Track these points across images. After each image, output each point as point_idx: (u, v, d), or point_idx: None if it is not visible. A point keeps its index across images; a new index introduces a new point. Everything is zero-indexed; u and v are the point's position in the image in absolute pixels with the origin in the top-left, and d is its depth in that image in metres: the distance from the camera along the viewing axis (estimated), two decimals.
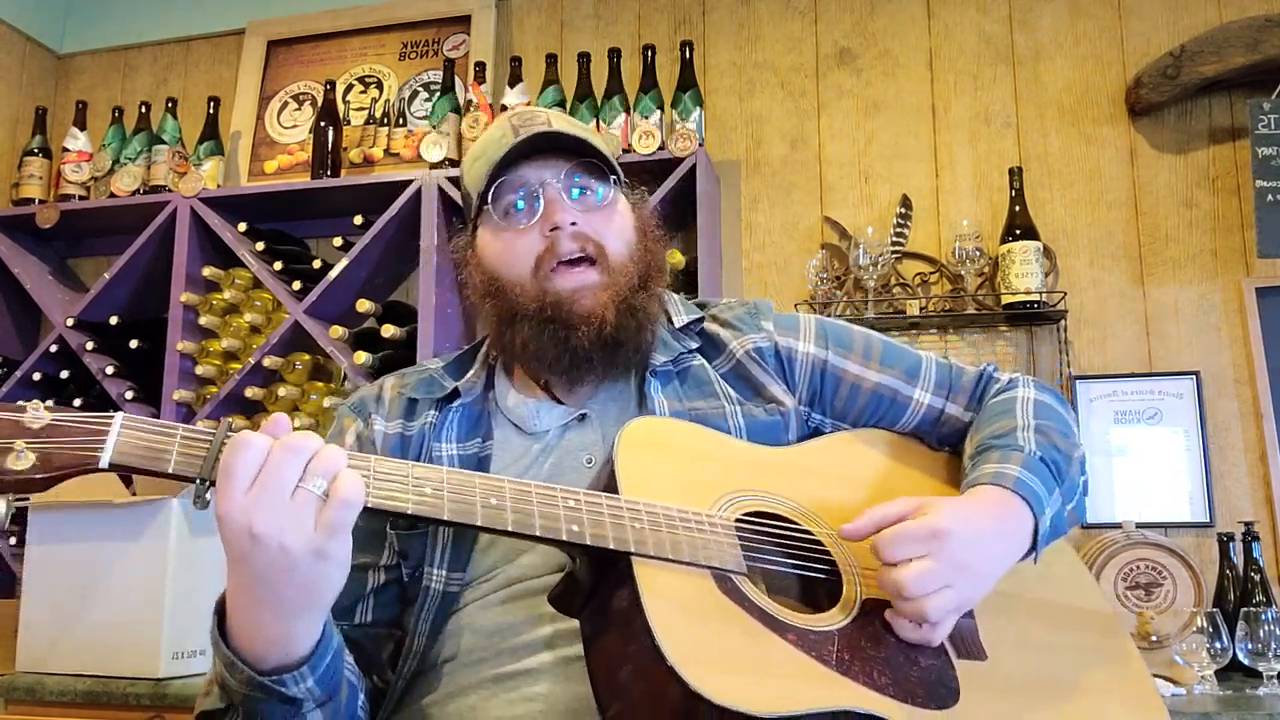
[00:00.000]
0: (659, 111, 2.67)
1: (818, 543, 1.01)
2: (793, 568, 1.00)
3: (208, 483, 0.81)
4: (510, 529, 0.88)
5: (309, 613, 0.86)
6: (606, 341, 1.11)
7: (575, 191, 1.15)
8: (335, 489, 0.82)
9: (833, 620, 0.95)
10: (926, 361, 1.24)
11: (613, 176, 1.17)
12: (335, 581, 0.84)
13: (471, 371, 1.21)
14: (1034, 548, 1.04)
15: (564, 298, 1.10)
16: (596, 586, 0.92)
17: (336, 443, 1.15)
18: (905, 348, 1.25)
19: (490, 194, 1.14)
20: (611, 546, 0.89)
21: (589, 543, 0.89)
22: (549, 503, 0.90)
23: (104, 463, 0.80)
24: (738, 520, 0.98)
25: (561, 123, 1.17)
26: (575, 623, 0.95)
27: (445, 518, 0.86)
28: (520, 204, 1.14)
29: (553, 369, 1.14)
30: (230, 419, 0.83)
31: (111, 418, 0.81)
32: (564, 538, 0.89)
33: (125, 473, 0.82)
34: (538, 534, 0.88)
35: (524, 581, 1.04)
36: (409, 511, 0.86)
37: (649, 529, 0.91)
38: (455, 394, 1.16)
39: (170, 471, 0.81)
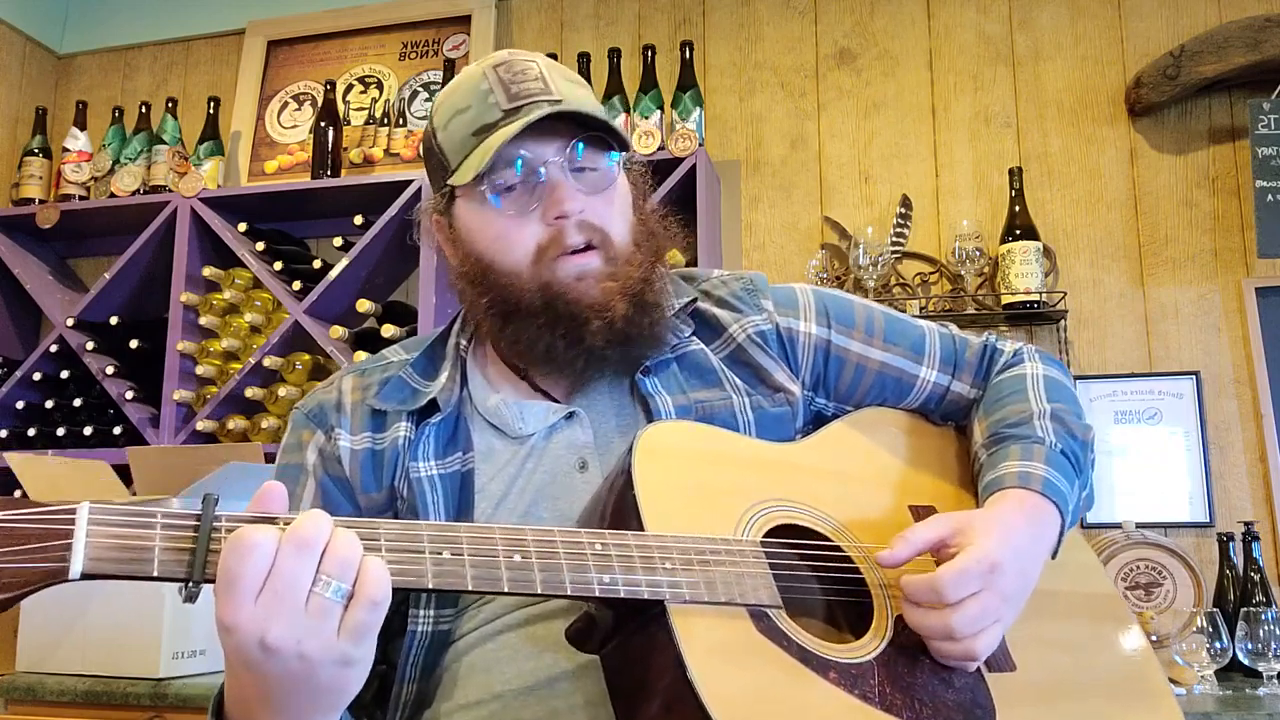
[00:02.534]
0: (659, 111, 2.67)
1: (845, 558, 0.98)
2: (824, 592, 0.96)
3: (200, 584, 0.71)
4: (540, 590, 0.80)
5: (329, 713, 0.78)
6: (619, 337, 1.01)
7: (578, 172, 1.02)
8: (360, 588, 0.72)
9: (869, 647, 0.92)
10: (930, 335, 1.18)
11: (616, 152, 1.05)
12: (360, 681, 0.76)
13: (445, 373, 1.07)
14: (1058, 543, 1.02)
15: (568, 286, 1.00)
16: (621, 625, 0.87)
17: (294, 457, 1.06)
18: (907, 319, 1.19)
19: (488, 170, 1.00)
20: (646, 596, 0.83)
21: (624, 595, 0.82)
22: (576, 552, 0.83)
23: (74, 573, 0.67)
24: (763, 540, 0.93)
25: (563, 86, 1.03)
26: (584, 657, 0.90)
27: (469, 587, 0.78)
28: (519, 184, 1.01)
29: (563, 369, 1.05)
30: (216, 496, 0.75)
31: (74, 512, 0.67)
32: (597, 593, 0.82)
33: (101, 579, 0.69)
34: (569, 593, 0.81)
35: (522, 609, 0.95)
36: (429, 587, 0.77)
37: (681, 570, 0.85)
38: (432, 406, 1.04)
39: (155, 575, 0.69)
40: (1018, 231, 2.51)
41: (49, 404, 2.92)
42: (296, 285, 2.80)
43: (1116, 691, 1.04)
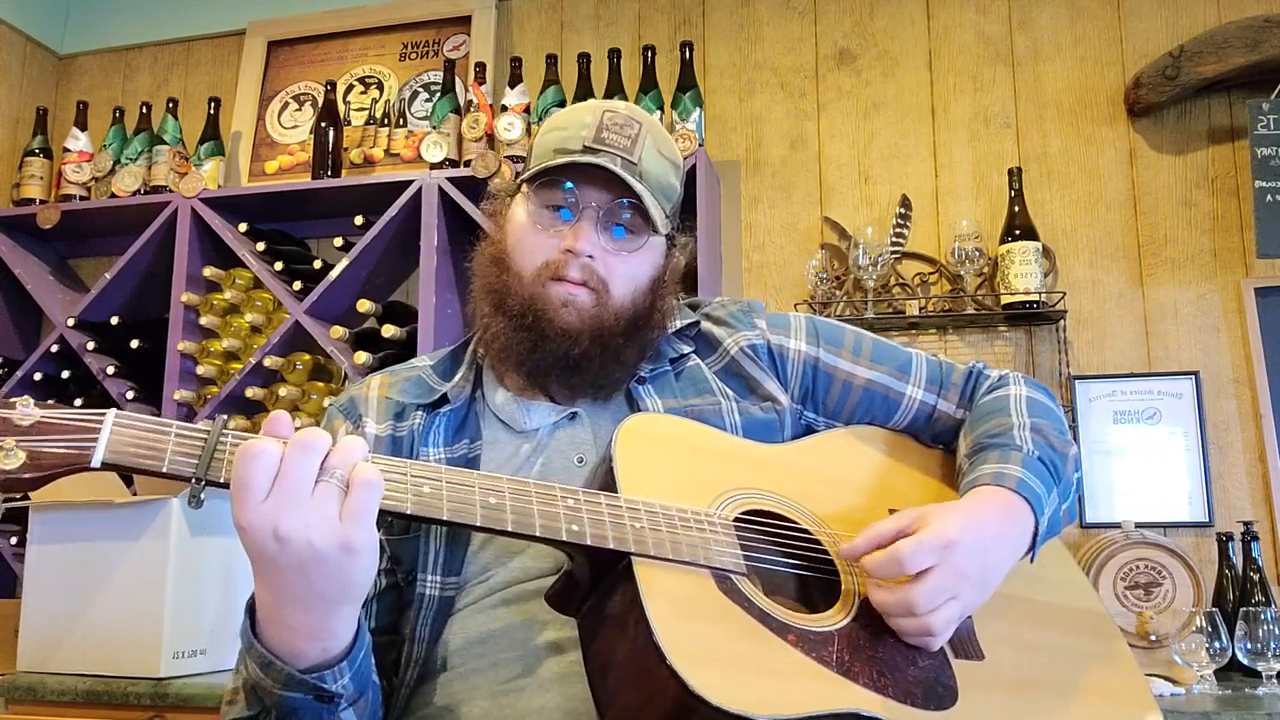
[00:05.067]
0: (659, 112, 2.67)
1: (815, 541, 1.01)
2: (791, 567, 1.00)
3: (204, 482, 0.80)
4: (510, 529, 0.87)
5: (345, 606, 0.85)
6: (569, 363, 1.10)
7: (614, 227, 1.12)
8: (354, 476, 0.81)
9: (832, 620, 0.94)
10: (917, 358, 1.24)
11: (656, 233, 1.14)
12: (368, 572, 0.83)
13: (460, 374, 1.18)
14: (1032, 548, 1.05)
15: (550, 306, 1.09)
16: (595, 586, 0.91)
17: None
18: (895, 345, 1.26)
19: (541, 181, 1.12)
20: (612, 546, 0.88)
21: (589, 543, 0.88)
22: (548, 502, 0.89)
23: (95, 461, 0.78)
24: (736, 519, 0.97)
25: (648, 155, 1.13)
26: (573, 628, 0.94)
27: (444, 517, 0.85)
28: (558, 207, 1.12)
29: (517, 368, 1.14)
30: (225, 416, 0.88)
31: (103, 415, 0.79)
32: (564, 538, 0.88)
33: (118, 471, 0.81)
34: (537, 534, 0.87)
35: (518, 585, 1.02)
36: (407, 511, 0.84)
37: (649, 529, 0.90)
38: (443, 399, 1.14)
39: (165, 470, 0.79)
40: (1017, 232, 2.51)
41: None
42: (297, 285, 2.80)
43: (1089, 695, 1.04)
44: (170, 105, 3.09)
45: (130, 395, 2.82)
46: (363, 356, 2.65)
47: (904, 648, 0.95)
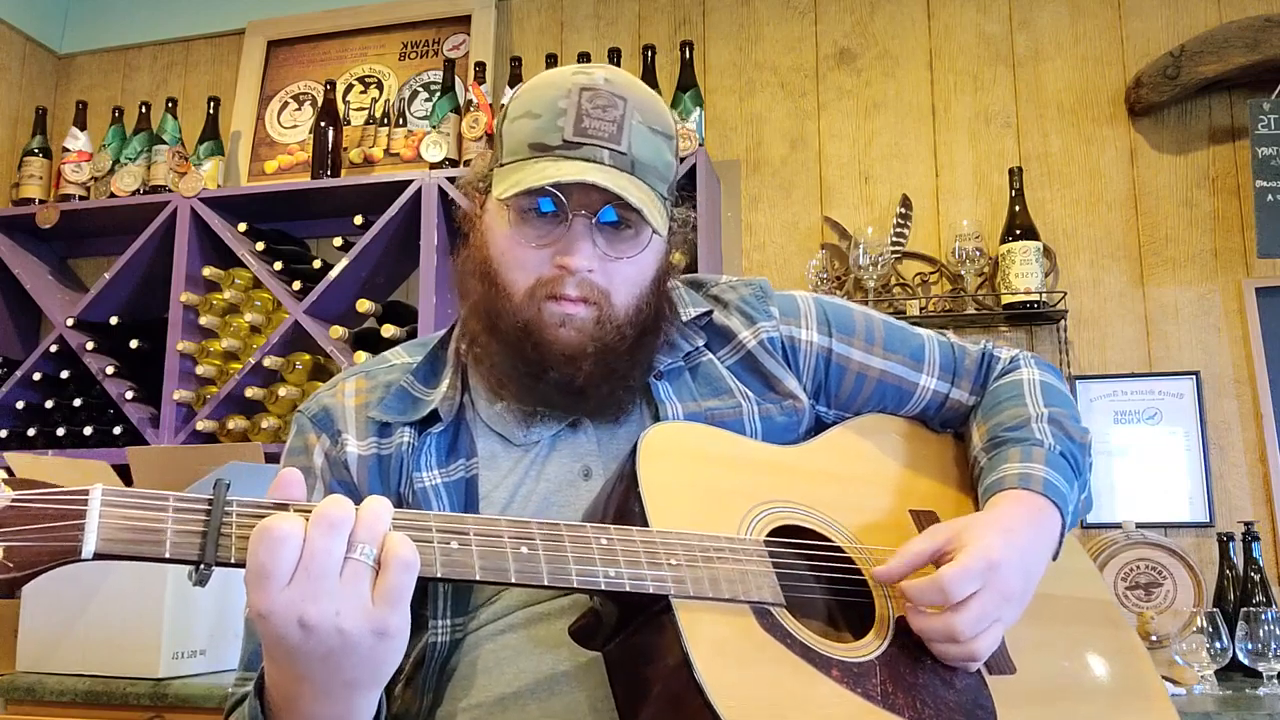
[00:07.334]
0: None
1: (847, 559, 0.99)
2: (826, 592, 0.97)
3: (212, 567, 0.72)
4: (546, 583, 0.81)
5: (371, 689, 0.80)
6: (574, 390, 1.01)
7: (610, 229, 1.00)
8: (388, 553, 0.74)
9: (871, 647, 0.93)
10: (930, 344, 1.20)
11: (658, 230, 1.01)
12: (399, 653, 0.77)
13: (446, 381, 1.07)
14: (1058, 546, 1.03)
15: (547, 327, 0.99)
16: (626, 622, 0.87)
17: (301, 460, 1.05)
18: (907, 328, 1.20)
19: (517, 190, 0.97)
20: (651, 591, 0.83)
21: (629, 589, 0.83)
22: (582, 544, 0.83)
23: (87, 552, 0.67)
24: (767, 539, 0.94)
25: (636, 138, 0.99)
26: (586, 656, 0.90)
27: (477, 577, 0.79)
28: (544, 213, 0.98)
29: (517, 396, 1.04)
30: (227, 481, 0.75)
31: (86, 493, 0.68)
32: (603, 586, 0.82)
33: (113, 560, 0.69)
34: (575, 585, 0.82)
35: (527, 608, 0.96)
36: (437, 575, 0.77)
37: (686, 565, 0.85)
38: (433, 417, 1.04)
39: (167, 557, 0.70)
40: (1018, 231, 2.51)
41: (49, 404, 2.91)
42: (296, 285, 2.80)
43: (1114, 694, 1.05)
44: (170, 105, 3.09)
45: (130, 395, 2.82)
46: (362, 356, 2.64)
47: (942, 670, 0.93)
